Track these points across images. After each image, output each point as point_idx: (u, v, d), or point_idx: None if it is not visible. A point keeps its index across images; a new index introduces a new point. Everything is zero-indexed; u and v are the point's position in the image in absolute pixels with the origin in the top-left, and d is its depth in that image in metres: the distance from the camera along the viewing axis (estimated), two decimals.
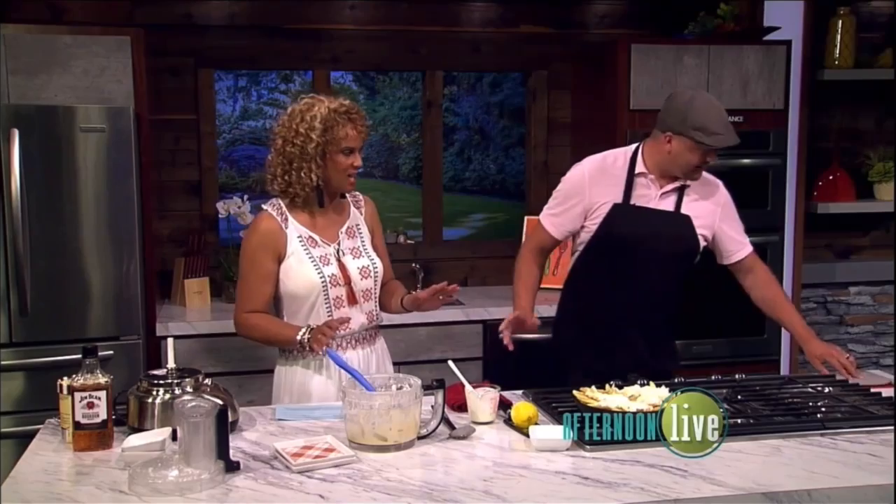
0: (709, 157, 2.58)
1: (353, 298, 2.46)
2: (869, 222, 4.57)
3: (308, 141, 2.36)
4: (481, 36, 4.24)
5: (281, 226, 2.42)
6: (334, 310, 2.44)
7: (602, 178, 2.67)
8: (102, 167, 3.29)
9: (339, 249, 2.47)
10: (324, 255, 2.44)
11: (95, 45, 3.38)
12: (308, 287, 2.41)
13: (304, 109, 2.39)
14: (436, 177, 4.36)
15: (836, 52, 4.26)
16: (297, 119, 2.38)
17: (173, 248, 3.99)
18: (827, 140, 4.42)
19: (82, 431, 2.02)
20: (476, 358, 3.71)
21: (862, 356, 4.59)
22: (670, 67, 3.82)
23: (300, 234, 2.43)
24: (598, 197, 2.65)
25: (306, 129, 2.36)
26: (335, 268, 2.44)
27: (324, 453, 1.95)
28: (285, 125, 2.40)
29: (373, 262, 2.52)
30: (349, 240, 2.51)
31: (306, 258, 2.42)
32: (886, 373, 2.76)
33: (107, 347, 3.19)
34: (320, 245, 2.45)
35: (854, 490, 1.82)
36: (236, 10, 4.01)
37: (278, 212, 2.44)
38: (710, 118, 2.53)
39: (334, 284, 2.43)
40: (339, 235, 2.49)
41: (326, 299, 2.43)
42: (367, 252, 2.53)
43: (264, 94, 4.55)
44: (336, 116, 2.37)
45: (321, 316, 2.43)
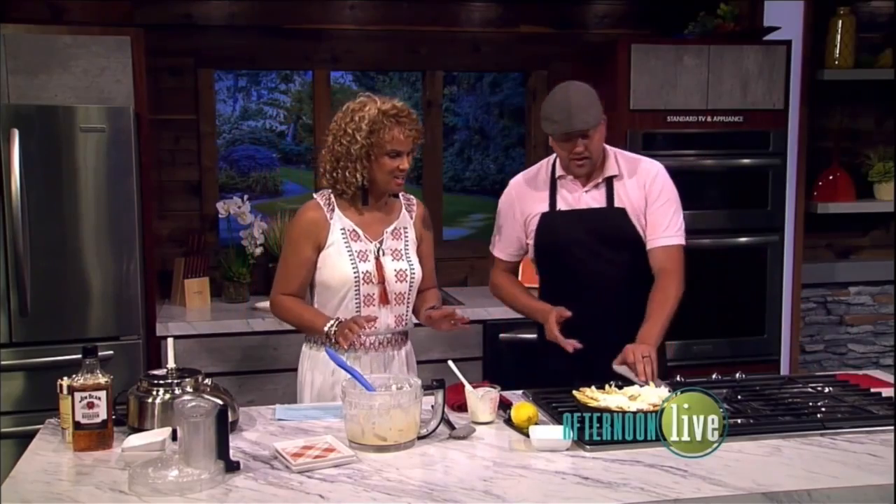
0: (576, 148, 2.49)
1: (384, 298, 2.46)
2: (869, 222, 4.57)
3: (353, 142, 2.38)
4: (481, 36, 4.24)
5: (326, 216, 2.45)
6: (363, 307, 2.44)
7: (528, 191, 2.66)
8: (102, 167, 3.29)
9: (381, 248, 2.48)
10: (363, 250, 2.45)
11: (95, 44, 3.38)
12: (341, 280, 2.43)
13: (356, 109, 2.40)
14: (436, 177, 4.36)
15: (836, 52, 4.26)
16: (348, 118, 2.40)
17: (173, 247, 3.99)
18: (827, 140, 4.42)
19: (82, 431, 2.02)
20: (476, 358, 3.71)
21: (862, 356, 4.59)
22: (670, 67, 3.82)
23: (344, 226, 2.45)
24: (528, 210, 2.65)
25: (353, 129, 2.38)
26: (372, 265, 2.45)
27: (324, 453, 1.95)
28: (338, 122, 2.43)
29: (411, 267, 2.51)
30: (393, 240, 2.51)
31: (345, 251, 2.43)
32: (886, 373, 2.76)
33: (107, 347, 3.19)
34: (362, 240, 2.46)
35: (854, 490, 1.82)
36: (236, 9, 4.01)
37: (326, 202, 2.47)
38: (552, 107, 2.50)
39: (367, 281, 2.43)
40: (383, 234, 2.50)
41: (357, 295, 2.44)
42: (408, 256, 2.52)
43: (264, 94, 4.56)
44: (384, 119, 2.37)
45: (349, 310, 2.44)
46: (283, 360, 3.41)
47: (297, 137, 4.97)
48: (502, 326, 3.73)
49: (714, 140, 3.88)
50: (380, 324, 2.47)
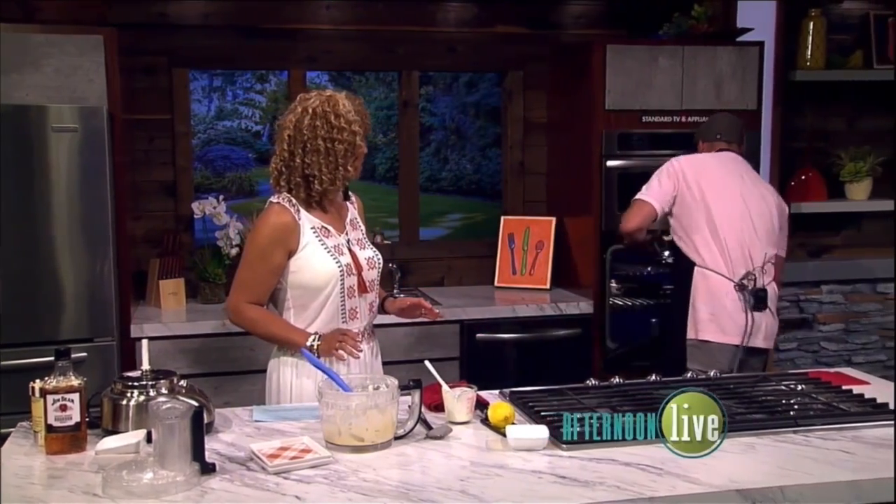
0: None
1: (363, 287, 2.48)
2: (841, 222, 4.63)
3: (354, 134, 2.39)
4: (457, 36, 4.25)
5: (295, 218, 2.42)
6: (347, 300, 2.45)
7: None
8: (75, 167, 3.26)
9: (349, 239, 2.50)
10: (337, 245, 2.46)
11: (68, 44, 3.34)
12: (326, 277, 2.41)
13: (332, 106, 2.38)
14: (412, 177, 4.36)
15: (807, 53, 4.31)
16: (332, 116, 2.37)
17: (148, 248, 3.95)
18: (799, 140, 4.47)
19: (55, 434, 1.99)
20: (453, 358, 3.71)
21: (834, 354, 4.65)
22: (645, 68, 3.85)
23: (313, 225, 2.44)
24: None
25: (347, 123, 2.38)
26: (348, 257, 2.46)
27: (300, 454, 1.95)
28: (321, 126, 2.37)
29: (376, 254, 2.56)
30: (354, 231, 2.54)
31: (321, 248, 2.42)
32: (858, 371, 2.79)
33: (80, 350, 3.15)
34: (333, 235, 2.46)
35: (826, 486, 1.84)
36: (211, 9, 3.98)
37: (290, 204, 2.43)
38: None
39: (349, 273, 2.44)
40: (346, 227, 2.52)
41: (342, 289, 2.43)
42: (369, 244, 2.58)
43: (240, 94, 4.53)
44: (360, 107, 2.44)
45: (335, 305, 2.44)
46: (260, 362, 3.36)
47: (273, 138, 4.93)
48: (480, 326, 3.74)
49: (689, 140, 3.89)
50: (363, 319, 2.49)
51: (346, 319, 2.46)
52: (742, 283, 3.19)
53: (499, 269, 4.27)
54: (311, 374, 2.40)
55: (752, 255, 3.22)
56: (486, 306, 3.86)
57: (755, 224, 3.26)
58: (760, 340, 3.23)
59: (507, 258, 4.26)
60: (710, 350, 3.21)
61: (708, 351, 3.22)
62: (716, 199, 3.26)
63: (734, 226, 3.23)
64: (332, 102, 2.39)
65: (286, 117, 2.43)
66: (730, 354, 3.19)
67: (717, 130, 3.45)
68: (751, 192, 3.31)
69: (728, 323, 3.20)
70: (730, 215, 3.24)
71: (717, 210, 3.24)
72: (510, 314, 3.82)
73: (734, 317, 3.19)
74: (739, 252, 3.22)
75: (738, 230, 3.23)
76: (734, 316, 3.19)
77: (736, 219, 3.24)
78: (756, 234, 3.25)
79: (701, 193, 3.26)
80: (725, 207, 3.25)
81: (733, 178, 3.32)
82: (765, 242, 3.26)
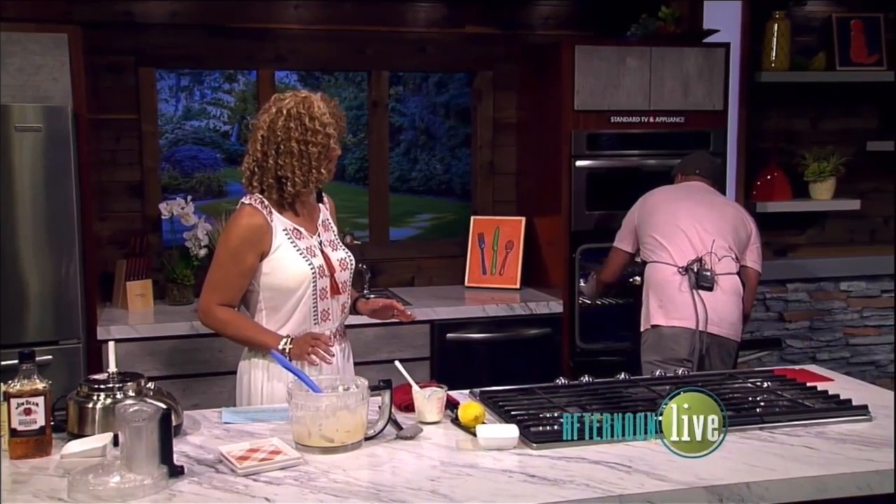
0: None
1: (335, 289, 2.47)
2: (805, 221, 4.70)
3: (328, 137, 2.38)
4: (427, 36, 4.25)
5: (267, 220, 2.40)
6: (319, 301, 2.44)
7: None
8: (39, 168, 3.22)
9: (321, 241, 2.49)
10: (309, 246, 2.44)
11: (31, 42, 3.29)
12: (299, 279, 2.40)
13: (307, 108, 2.36)
14: (382, 177, 4.36)
15: (772, 54, 4.37)
16: (306, 118, 2.35)
17: (115, 250, 3.91)
18: (764, 140, 4.53)
19: (19, 439, 1.97)
20: (423, 358, 3.71)
21: (799, 351, 4.72)
22: (613, 68, 3.88)
23: (285, 226, 2.42)
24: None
25: (322, 125, 2.36)
26: (321, 259, 2.45)
27: (270, 456, 1.94)
28: (296, 128, 2.35)
29: (348, 255, 2.55)
30: (326, 232, 2.53)
31: (293, 250, 2.41)
32: (822, 368, 2.84)
33: (45, 352, 3.11)
34: (304, 237, 2.45)
35: (791, 482, 1.87)
36: (178, 8, 3.94)
37: (262, 206, 2.40)
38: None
39: (322, 275, 2.43)
40: (317, 228, 2.51)
41: (314, 291, 2.42)
42: (341, 245, 2.56)
43: (208, 94, 4.50)
44: (334, 108, 2.42)
45: (307, 307, 2.43)
46: (228, 363, 3.35)
47: (242, 138, 4.91)
48: (450, 326, 3.74)
49: (657, 140, 3.95)
50: (335, 320, 2.49)
51: (319, 321, 2.45)
52: (687, 267, 3.27)
53: (469, 269, 4.28)
54: (282, 378, 2.37)
55: (702, 241, 3.31)
56: (456, 306, 3.87)
57: (703, 216, 3.36)
58: (720, 327, 3.26)
59: (477, 258, 4.27)
60: (661, 336, 3.27)
61: (660, 337, 3.27)
62: (665, 206, 3.42)
63: (681, 222, 3.35)
64: (308, 104, 2.37)
65: (260, 117, 2.41)
66: (684, 341, 3.22)
67: (698, 167, 3.56)
68: (704, 200, 3.45)
69: (673, 306, 3.26)
70: (675, 212, 3.38)
71: (664, 210, 3.40)
72: (480, 314, 3.83)
73: (678, 298, 3.25)
74: (686, 240, 3.31)
75: (686, 223, 3.34)
76: (678, 297, 3.26)
77: (683, 215, 3.36)
78: (703, 225, 3.34)
79: (653, 208, 3.44)
80: (671, 206, 3.41)
81: (689, 192, 3.49)
82: (713, 233, 3.33)
